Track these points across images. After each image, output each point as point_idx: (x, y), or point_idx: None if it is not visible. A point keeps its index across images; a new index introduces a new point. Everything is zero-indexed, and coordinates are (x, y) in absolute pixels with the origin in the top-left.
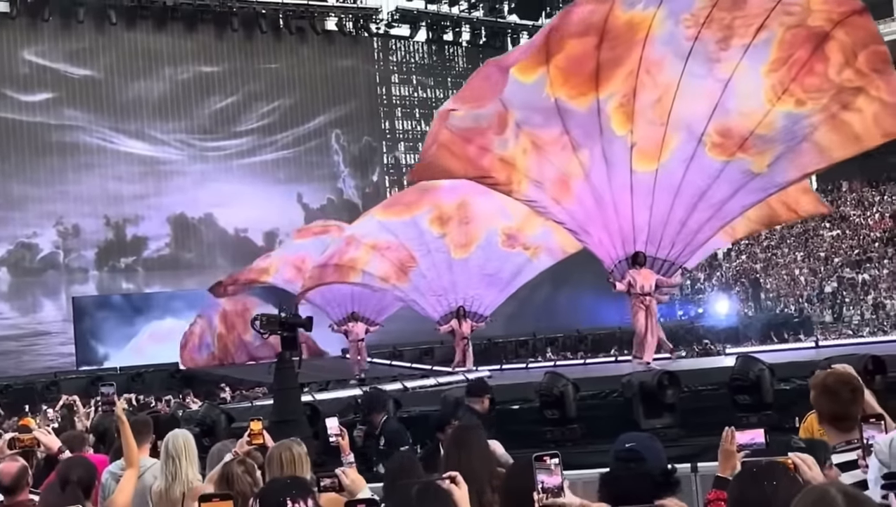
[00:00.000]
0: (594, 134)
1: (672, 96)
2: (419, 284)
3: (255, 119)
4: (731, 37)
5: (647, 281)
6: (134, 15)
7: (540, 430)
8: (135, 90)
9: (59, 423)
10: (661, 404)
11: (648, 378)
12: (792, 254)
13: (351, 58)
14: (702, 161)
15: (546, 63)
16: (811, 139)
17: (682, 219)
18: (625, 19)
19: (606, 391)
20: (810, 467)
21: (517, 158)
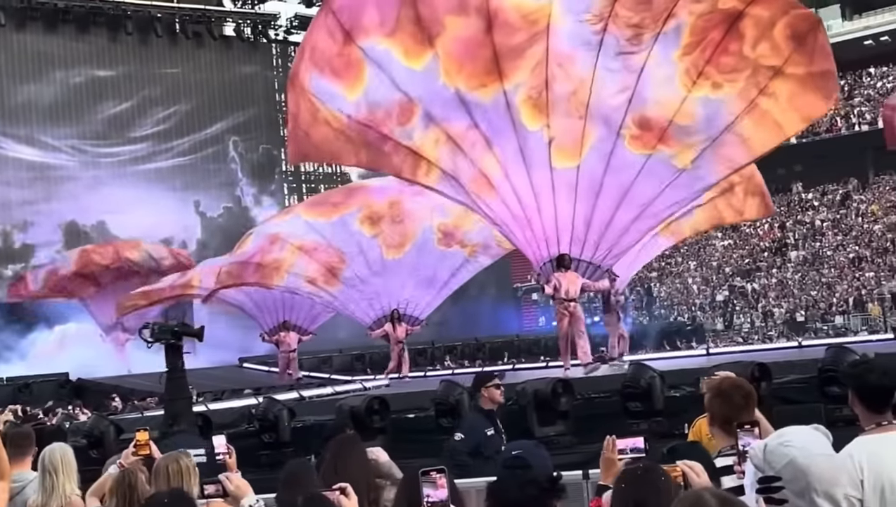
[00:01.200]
0: (506, 129)
1: (588, 89)
2: (350, 287)
3: (150, 125)
4: (642, 33)
5: (573, 285)
6: (24, 17)
7: (436, 439)
8: (24, 94)
9: None
10: (555, 412)
11: (542, 386)
12: (685, 263)
13: (249, 64)
14: (623, 156)
15: (431, 46)
16: (733, 130)
17: (607, 219)
18: (512, 4)
19: (508, 396)
20: (698, 474)
21: (426, 148)
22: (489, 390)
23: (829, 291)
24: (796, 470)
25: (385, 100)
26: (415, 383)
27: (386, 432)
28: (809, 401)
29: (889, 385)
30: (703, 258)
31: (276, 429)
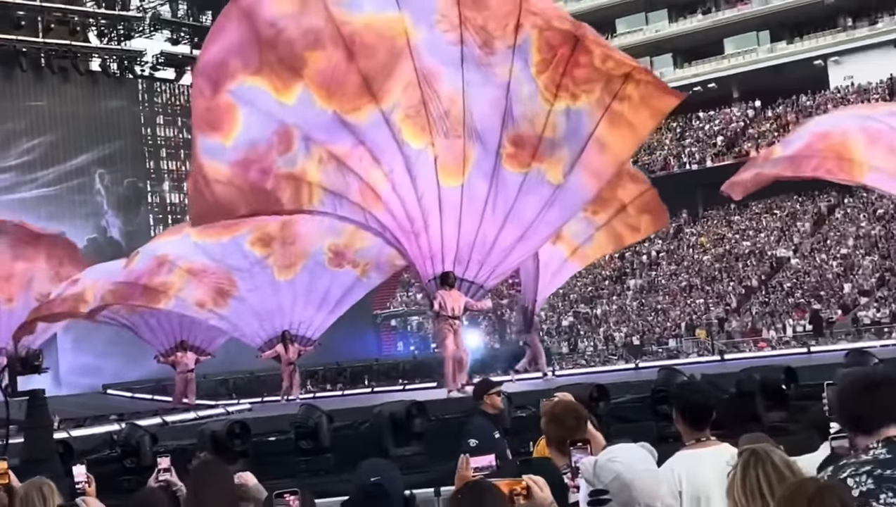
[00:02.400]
0: (390, 147)
1: (461, 107)
2: (240, 308)
3: (14, 156)
4: (492, 40)
5: (457, 303)
6: None
7: (295, 460)
8: None
9: None
10: (410, 433)
11: (398, 408)
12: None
13: (116, 99)
14: (502, 175)
15: (299, 78)
16: (594, 137)
17: (491, 239)
18: (366, 21)
19: (359, 422)
20: (541, 488)
21: (309, 171)
22: (491, 397)
23: (664, 316)
24: (622, 484)
25: (262, 135)
26: (275, 407)
27: (248, 454)
28: (643, 419)
29: (709, 405)
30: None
31: (138, 454)
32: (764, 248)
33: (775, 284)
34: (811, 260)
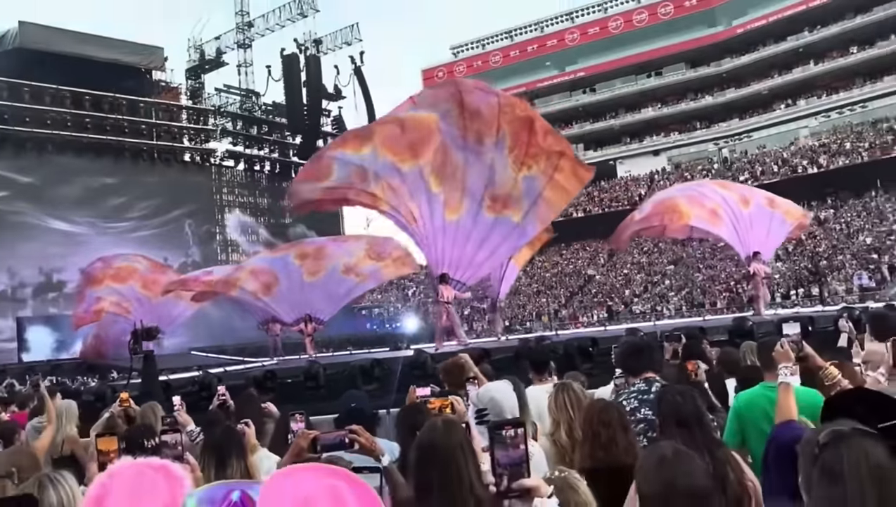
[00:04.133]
0: (421, 188)
1: (462, 173)
2: (278, 297)
3: (136, 210)
4: (483, 138)
5: (449, 294)
6: (65, 145)
7: (303, 394)
8: (61, 192)
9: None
10: (372, 377)
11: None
12: None
13: (198, 177)
14: (482, 217)
15: (370, 141)
16: (543, 196)
17: (471, 256)
18: (411, 116)
19: (342, 370)
20: (458, 404)
21: (378, 192)
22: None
23: (523, 309)
24: (494, 403)
25: (345, 174)
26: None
27: (275, 391)
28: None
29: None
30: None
31: (209, 389)
32: (580, 268)
33: (587, 289)
34: (607, 276)
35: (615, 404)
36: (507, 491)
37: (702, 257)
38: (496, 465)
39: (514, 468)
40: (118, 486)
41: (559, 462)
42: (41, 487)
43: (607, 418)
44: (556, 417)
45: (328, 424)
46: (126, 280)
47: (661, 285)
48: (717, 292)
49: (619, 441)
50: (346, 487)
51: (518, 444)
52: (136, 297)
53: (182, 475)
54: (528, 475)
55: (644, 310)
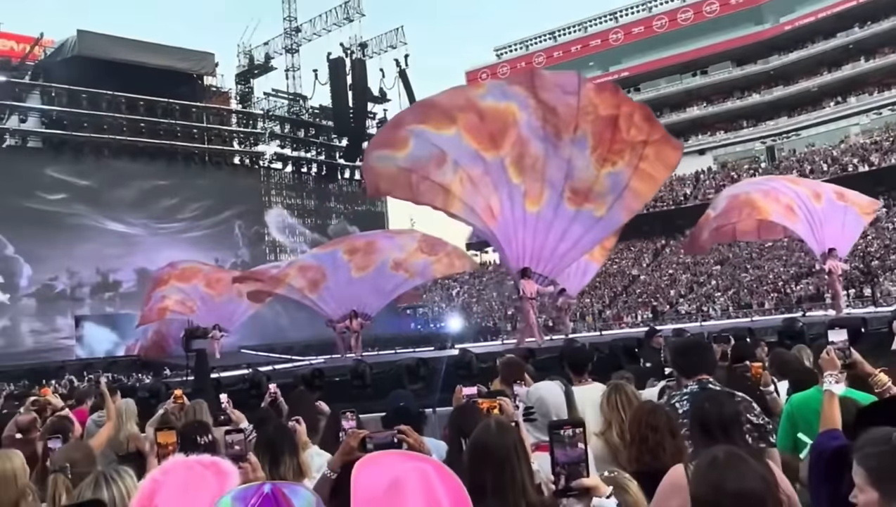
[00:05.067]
0: (502, 179)
1: (541, 164)
2: (325, 294)
3: (188, 211)
4: (560, 133)
5: (532, 289)
6: (120, 150)
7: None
8: (116, 194)
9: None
10: (417, 376)
11: (410, 362)
12: (489, 293)
13: (247, 179)
14: (563, 208)
15: (454, 124)
16: (629, 187)
17: (553, 247)
18: (491, 106)
19: (388, 369)
20: (507, 405)
21: (453, 186)
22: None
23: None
24: (541, 402)
25: (423, 154)
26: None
27: (322, 389)
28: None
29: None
30: (501, 289)
31: (259, 387)
32: (624, 269)
33: (631, 290)
34: (652, 276)
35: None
36: (566, 490)
37: (749, 258)
38: (555, 464)
39: (572, 466)
40: (170, 482)
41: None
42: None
43: (655, 422)
44: (608, 417)
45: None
46: (190, 279)
47: (707, 285)
48: (765, 292)
49: (667, 446)
50: (433, 470)
51: (577, 443)
52: (199, 295)
53: (231, 472)
54: (588, 474)
55: (689, 311)
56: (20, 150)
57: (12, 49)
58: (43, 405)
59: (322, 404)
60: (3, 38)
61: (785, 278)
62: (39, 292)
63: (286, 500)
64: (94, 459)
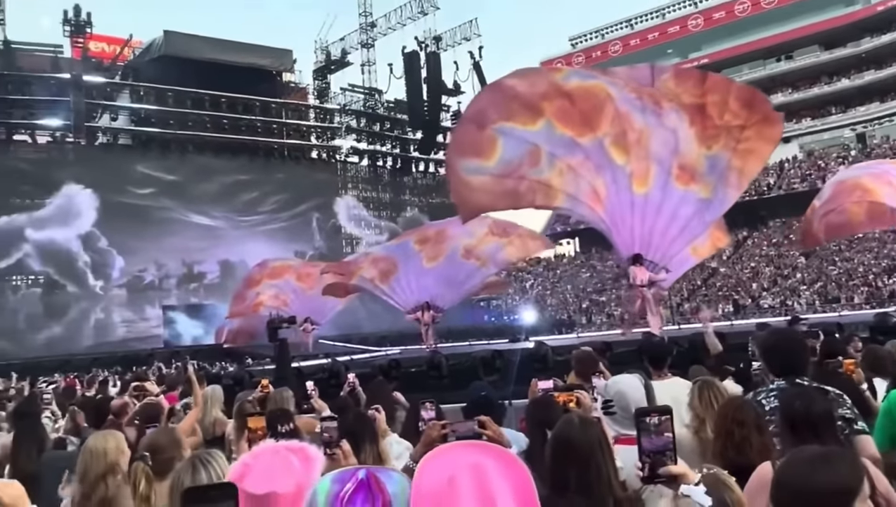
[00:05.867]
0: (604, 162)
1: (646, 137)
2: (396, 285)
3: (267, 205)
4: (661, 101)
5: (643, 276)
6: (204, 146)
7: (426, 383)
8: (200, 188)
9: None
10: (493, 368)
11: (486, 354)
12: (564, 285)
13: (324, 173)
14: (672, 188)
15: (541, 115)
16: (731, 167)
17: (663, 231)
18: (578, 85)
19: (463, 361)
20: (584, 399)
21: (553, 179)
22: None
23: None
24: (621, 396)
25: (517, 154)
26: (416, 351)
27: (399, 379)
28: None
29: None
30: (576, 282)
31: (338, 377)
32: (704, 261)
33: (711, 283)
34: (733, 269)
35: (752, 403)
36: (652, 477)
37: (837, 250)
38: (641, 451)
39: (658, 454)
40: (258, 465)
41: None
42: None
43: (742, 416)
44: (701, 414)
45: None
46: (282, 275)
47: (792, 278)
48: (854, 286)
49: (753, 442)
50: (493, 463)
51: (663, 431)
52: (292, 289)
53: (317, 457)
54: (675, 462)
55: (772, 305)
56: (112, 147)
57: (103, 50)
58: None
59: (399, 394)
60: (95, 40)
61: (876, 272)
62: (130, 283)
63: (379, 484)
64: (181, 443)
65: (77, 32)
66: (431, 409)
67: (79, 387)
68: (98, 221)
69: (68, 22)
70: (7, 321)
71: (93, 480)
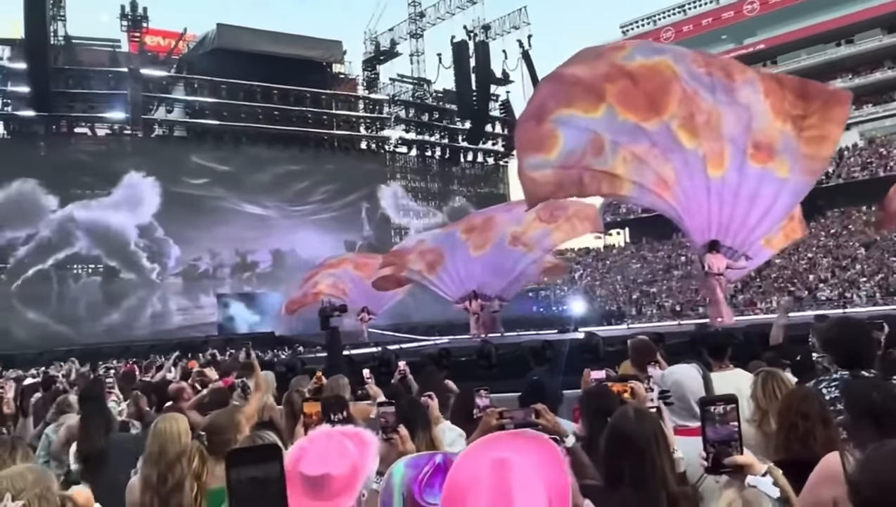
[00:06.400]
0: (673, 147)
1: (716, 117)
2: (443, 275)
3: (317, 195)
4: (733, 74)
5: (720, 264)
6: (257, 137)
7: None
8: (253, 178)
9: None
10: (543, 358)
11: (535, 344)
12: (613, 275)
13: (373, 164)
14: (748, 168)
15: (603, 100)
16: (802, 145)
17: (743, 216)
18: (641, 64)
19: (513, 351)
20: (639, 389)
21: (618, 168)
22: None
23: (695, 293)
24: (678, 386)
25: (578, 144)
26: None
27: (449, 368)
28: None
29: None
30: (626, 273)
31: (388, 365)
32: None
33: (766, 274)
34: (789, 260)
35: (817, 395)
36: (717, 467)
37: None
38: (706, 441)
39: (723, 444)
40: (313, 449)
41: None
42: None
43: (806, 408)
44: (765, 406)
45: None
46: (340, 265)
47: (852, 269)
48: None
49: (818, 435)
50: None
51: (728, 421)
52: (350, 277)
53: (372, 442)
54: (741, 452)
55: (830, 297)
56: (167, 139)
57: (158, 44)
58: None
59: (450, 382)
60: (151, 34)
61: None
62: (185, 272)
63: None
64: (239, 425)
65: (134, 27)
66: (486, 396)
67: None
68: (158, 210)
69: (125, 17)
70: (69, 309)
71: (171, 460)
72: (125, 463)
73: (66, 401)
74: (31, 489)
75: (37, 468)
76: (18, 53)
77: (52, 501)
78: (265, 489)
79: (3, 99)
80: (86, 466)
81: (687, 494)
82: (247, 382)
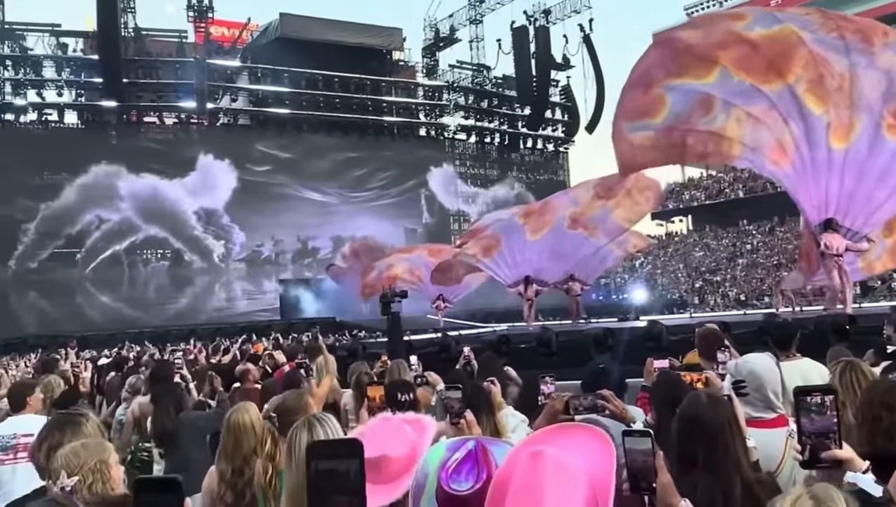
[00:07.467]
0: (795, 112)
1: (849, 84)
2: (499, 259)
3: (376, 181)
4: (870, 37)
5: (839, 244)
6: (318, 124)
7: (535, 360)
8: (314, 165)
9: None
10: (605, 346)
11: (598, 332)
12: (675, 264)
13: (432, 151)
14: (882, 141)
15: (716, 65)
16: None
17: (868, 193)
18: (762, 34)
19: (574, 338)
20: (713, 379)
21: (729, 128)
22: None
23: (760, 282)
24: (753, 376)
25: (685, 107)
26: (522, 327)
27: (508, 355)
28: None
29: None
30: (688, 261)
31: (448, 350)
32: None
33: None
34: None
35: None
36: (814, 461)
37: None
38: (801, 433)
39: (820, 437)
40: (372, 432)
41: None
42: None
43: (891, 400)
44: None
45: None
46: (413, 250)
47: None
48: None
49: None
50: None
51: (826, 412)
52: (424, 263)
53: (430, 426)
54: (840, 446)
55: None
56: (232, 127)
57: (223, 34)
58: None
59: (509, 369)
60: (217, 24)
61: None
62: (249, 258)
63: (487, 457)
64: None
65: (199, 17)
66: (552, 383)
67: (202, 355)
68: (230, 194)
69: (192, 7)
70: (139, 293)
71: (247, 453)
72: (197, 440)
73: (138, 382)
74: (85, 465)
75: (91, 443)
76: (91, 45)
77: (104, 473)
78: (344, 481)
79: (77, 90)
80: (159, 443)
81: (762, 479)
82: (309, 364)
